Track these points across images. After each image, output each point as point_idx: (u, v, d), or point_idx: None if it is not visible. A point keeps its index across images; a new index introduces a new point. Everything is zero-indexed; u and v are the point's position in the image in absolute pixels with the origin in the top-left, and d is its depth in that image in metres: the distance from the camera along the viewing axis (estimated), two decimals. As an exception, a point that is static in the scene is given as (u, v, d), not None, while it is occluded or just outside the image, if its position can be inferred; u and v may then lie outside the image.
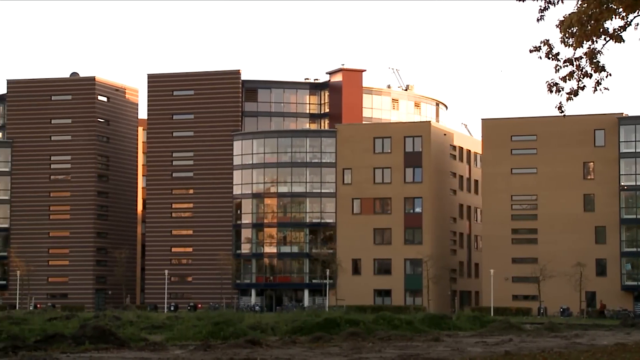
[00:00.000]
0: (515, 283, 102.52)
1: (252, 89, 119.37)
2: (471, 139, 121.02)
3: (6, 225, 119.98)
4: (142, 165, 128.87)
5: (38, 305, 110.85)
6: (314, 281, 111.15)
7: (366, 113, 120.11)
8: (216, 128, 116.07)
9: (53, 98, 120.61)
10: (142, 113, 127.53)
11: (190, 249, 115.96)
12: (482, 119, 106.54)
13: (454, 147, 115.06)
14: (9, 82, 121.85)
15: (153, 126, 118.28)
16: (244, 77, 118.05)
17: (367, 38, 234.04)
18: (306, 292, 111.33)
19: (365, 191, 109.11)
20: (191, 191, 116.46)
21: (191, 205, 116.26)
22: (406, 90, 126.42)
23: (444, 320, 59.25)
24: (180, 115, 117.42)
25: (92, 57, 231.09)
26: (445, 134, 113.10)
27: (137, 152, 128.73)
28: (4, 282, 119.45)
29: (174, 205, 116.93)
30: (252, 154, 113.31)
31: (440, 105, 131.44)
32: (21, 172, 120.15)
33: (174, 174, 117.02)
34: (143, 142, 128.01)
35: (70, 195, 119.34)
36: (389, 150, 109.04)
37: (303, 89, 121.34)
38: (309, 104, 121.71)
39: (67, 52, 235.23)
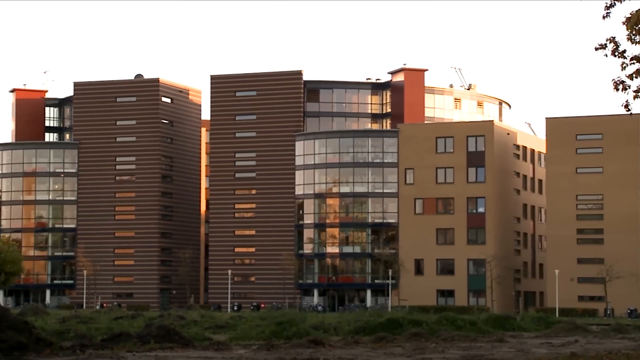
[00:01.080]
0: (580, 284, 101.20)
1: (314, 89, 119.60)
2: (535, 138, 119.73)
3: (73, 226, 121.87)
4: (205, 165, 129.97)
5: (104, 305, 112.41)
6: (376, 281, 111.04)
7: (428, 113, 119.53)
8: (278, 128, 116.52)
9: (118, 100, 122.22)
10: (205, 114, 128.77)
11: (253, 249, 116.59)
12: (546, 118, 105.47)
13: (518, 146, 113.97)
14: (76, 84, 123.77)
15: (216, 127, 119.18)
16: (305, 77, 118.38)
17: (429, 37, 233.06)
18: (368, 292, 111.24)
19: (427, 191, 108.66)
20: (254, 191, 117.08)
21: (254, 205, 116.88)
22: (469, 89, 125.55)
23: (508, 321, 58.63)
24: (242, 116, 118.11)
25: (156, 59, 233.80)
26: (508, 133, 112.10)
27: (200, 153, 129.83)
28: (72, 282, 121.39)
29: (236, 206, 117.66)
30: (314, 154, 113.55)
31: (504, 105, 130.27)
32: (87, 173, 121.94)
33: (237, 175, 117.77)
34: (206, 142, 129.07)
35: (135, 196, 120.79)
36: (452, 150, 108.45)
37: (365, 89, 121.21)
38: (371, 104, 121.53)
39: (132, 54, 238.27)
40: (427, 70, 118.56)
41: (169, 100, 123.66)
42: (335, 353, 35.89)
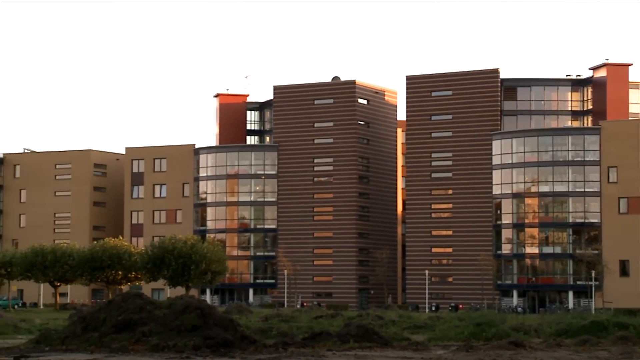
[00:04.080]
0: None
1: (511, 87, 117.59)
2: None
3: (274, 226, 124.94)
4: (402, 166, 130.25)
5: (305, 304, 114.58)
6: (578, 282, 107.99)
7: (633, 109, 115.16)
8: (475, 128, 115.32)
9: (316, 102, 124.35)
10: (401, 114, 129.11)
11: (450, 249, 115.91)
12: None
13: None
14: (275, 88, 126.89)
15: (412, 127, 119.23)
16: (502, 75, 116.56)
17: (632, 31, 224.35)
18: (570, 294, 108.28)
19: (632, 190, 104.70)
20: (450, 191, 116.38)
21: (450, 205, 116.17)
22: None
23: None
24: (438, 116, 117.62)
25: (352, 61, 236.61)
26: None
27: (396, 154, 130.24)
28: (273, 281, 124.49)
29: (433, 206, 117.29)
30: (512, 153, 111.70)
31: None
32: (287, 175, 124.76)
33: (433, 175, 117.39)
34: (402, 143, 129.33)
35: (332, 197, 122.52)
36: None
37: (564, 86, 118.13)
38: (571, 101, 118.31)
39: (329, 57, 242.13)
40: (631, 64, 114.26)
41: (365, 102, 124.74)
42: (536, 355, 35.21)
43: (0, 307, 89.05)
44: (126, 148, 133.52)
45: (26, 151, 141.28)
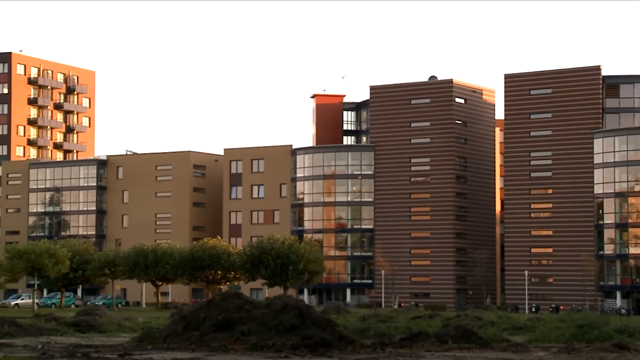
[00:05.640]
0: None
1: (614, 84, 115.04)
2: None
3: (371, 227, 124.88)
4: (500, 165, 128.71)
5: (402, 304, 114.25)
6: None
7: None
8: (575, 126, 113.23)
9: (412, 102, 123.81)
10: (499, 113, 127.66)
11: (550, 250, 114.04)
12: None
13: None
14: (372, 88, 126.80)
15: (510, 126, 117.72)
16: (604, 72, 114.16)
17: None
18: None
19: None
20: (550, 191, 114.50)
21: (550, 205, 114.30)
22: None
23: None
24: (537, 115, 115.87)
25: (449, 60, 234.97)
26: None
27: (494, 153, 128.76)
28: (370, 281, 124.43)
29: (532, 206, 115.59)
30: (614, 151, 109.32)
31: None
32: (383, 175, 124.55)
33: (532, 174, 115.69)
34: (500, 142, 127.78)
35: (430, 197, 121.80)
36: None
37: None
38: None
39: (426, 57, 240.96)
40: None
41: (462, 101, 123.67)
42: (641, 359, 34.34)
43: (104, 305, 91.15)
44: (224, 149, 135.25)
45: (128, 153, 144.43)
